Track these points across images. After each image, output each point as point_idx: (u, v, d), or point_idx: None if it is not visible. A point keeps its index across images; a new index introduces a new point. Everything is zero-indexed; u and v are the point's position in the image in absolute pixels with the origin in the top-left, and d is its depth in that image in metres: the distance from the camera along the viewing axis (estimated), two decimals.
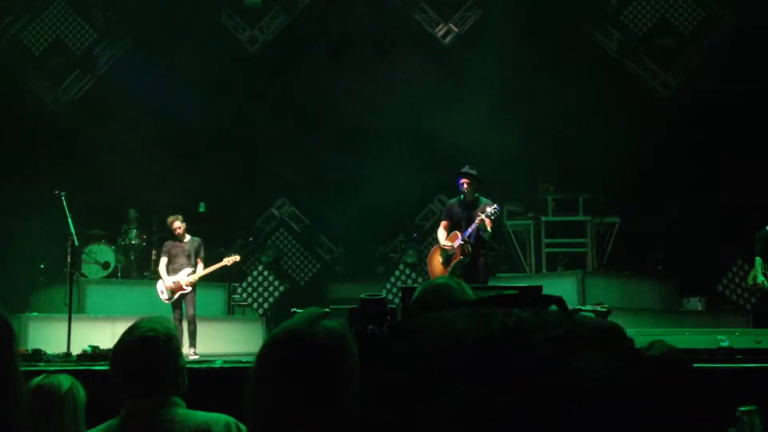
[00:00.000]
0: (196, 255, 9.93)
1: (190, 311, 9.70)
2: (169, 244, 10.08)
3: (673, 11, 13.54)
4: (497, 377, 0.73)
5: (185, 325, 9.50)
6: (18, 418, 1.84)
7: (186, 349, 9.28)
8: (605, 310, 6.75)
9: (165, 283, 9.80)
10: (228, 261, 10.00)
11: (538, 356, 0.74)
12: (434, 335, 0.81)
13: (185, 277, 9.78)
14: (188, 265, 9.83)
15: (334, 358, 1.55)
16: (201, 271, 9.88)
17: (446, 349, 0.78)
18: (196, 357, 9.16)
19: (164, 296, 9.80)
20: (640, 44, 13.62)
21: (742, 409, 2.94)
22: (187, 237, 9.99)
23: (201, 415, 2.63)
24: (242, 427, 2.62)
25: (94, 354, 7.12)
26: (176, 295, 9.75)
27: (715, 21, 13.37)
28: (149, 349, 2.57)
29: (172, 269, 9.86)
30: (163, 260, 9.92)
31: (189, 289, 9.78)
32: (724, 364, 5.40)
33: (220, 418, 2.64)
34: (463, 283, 3.22)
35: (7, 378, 1.79)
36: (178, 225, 9.90)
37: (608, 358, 0.73)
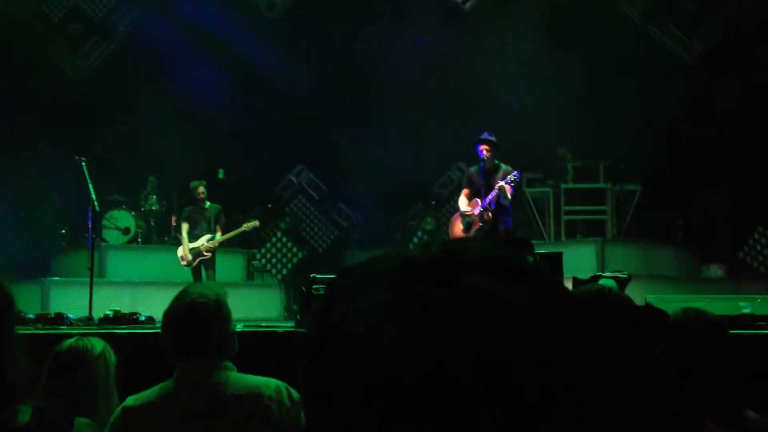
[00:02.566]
0: (216, 221, 10.02)
1: (210, 277, 9.79)
2: (189, 210, 10.19)
3: None
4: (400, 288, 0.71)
5: None
6: (18, 380, 1.90)
7: None
8: (626, 276, 6.72)
9: (185, 249, 9.89)
10: (247, 227, 10.10)
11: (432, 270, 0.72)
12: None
13: (205, 242, 9.85)
14: (208, 231, 9.93)
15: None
16: (221, 237, 9.93)
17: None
18: None
19: (184, 262, 9.89)
20: (664, 9, 13.38)
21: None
22: (207, 203, 10.04)
23: (252, 379, 2.67)
24: (293, 392, 2.66)
25: (116, 317, 7.20)
26: (196, 261, 9.83)
27: None
28: (200, 313, 2.65)
29: (192, 235, 9.98)
30: (185, 226, 10.03)
31: (209, 254, 9.86)
32: (747, 330, 5.38)
33: (271, 382, 2.67)
34: None
35: (5, 342, 1.88)
36: (202, 191, 10.02)
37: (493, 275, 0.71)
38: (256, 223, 10.27)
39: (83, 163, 8.72)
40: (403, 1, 13.68)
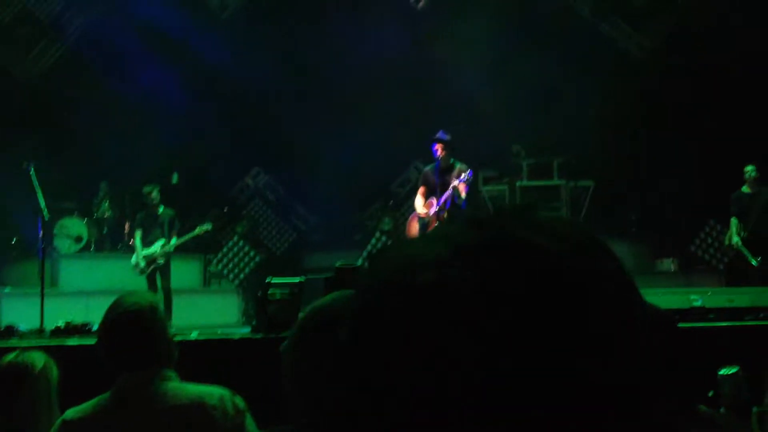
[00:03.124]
0: (170, 227, 9.86)
1: (165, 283, 9.64)
2: (142, 216, 10.03)
3: None
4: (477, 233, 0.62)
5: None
6: None
7: None
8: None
9: (138, 256, 9.74)
10: (200, 231, 9.99)
11: (518, 217, 0.63)
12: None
13: (159, 248, 9.70)
14: (162, 236, 9.78)
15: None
16: (174, 242, 9.82)
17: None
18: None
19: (138, 269, 9.74)
20: (614, 6, 13.55)
21: (723, 372, 2.92)
22: (161, 208, 9.91)
23: (194, 388, 2.61)
24: (238, 399, 2.61)
25: (68, 329, 7.07)
26: (150, 268, 9.67)
27: None
28: (136, 322, 2.58)
29: (146, 242, 9.83)
30: (138, 233, 9.87)
31: (162, 261, 9.70)
32: (698, 323, 5.47)
33: (215, 390, 2.62)
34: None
35: None
36: (154, 195, 9.86)
37: (578, 227, 0.64)
38: (208, 226, 10.16)
39: (31, 170, 8.52)
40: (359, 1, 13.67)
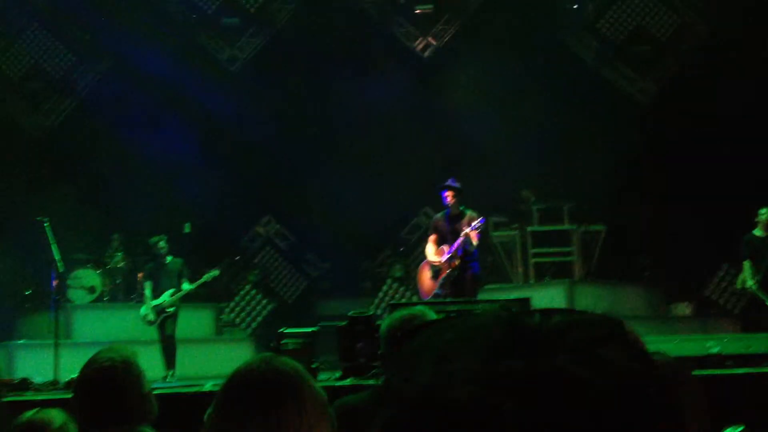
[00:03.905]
0: (180, 275, 9.89)
1: (170, 331, 9.65)
2: (151, 267, 10.10)
3: (649, 18, 13.62)
4: (515, 353, 0.61)
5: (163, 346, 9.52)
6: None
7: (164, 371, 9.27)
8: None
9: (148, 307, 9.74)
10: (208, 277, 10.03)
11: (558, 338, 0.63)
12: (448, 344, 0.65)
13: (168, 298, 9.73)
14: (171, 286, 9.80)
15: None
16: (186, 288, 9.84)
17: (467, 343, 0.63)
18: (174, 379, 9.11)
19: (148, 319, 9.72)
20: (617, 52, 13.70)
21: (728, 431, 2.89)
22: (169, 258, 9.96)
23: None
24: None
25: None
26: (159, 318, 9.69)
27: (692, 27, 13.46)
28: (107, 379, 2.56)
29: (157, 291, 9.86)
30: (148, 284, 9.90)
31: (172, 310, 9.73)
32: (716, 370, 5.42)
33: None
34: (427, 310, 3.20)
35: None
36: (162, 245, 9.89)
37: (624, 350, 0.64)
38: (216, 272, 10.18)
39: (46, 224, 8.62)
40: (365, 50, 13.86)
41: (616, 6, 13.65)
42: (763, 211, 9.42)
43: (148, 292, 9.86)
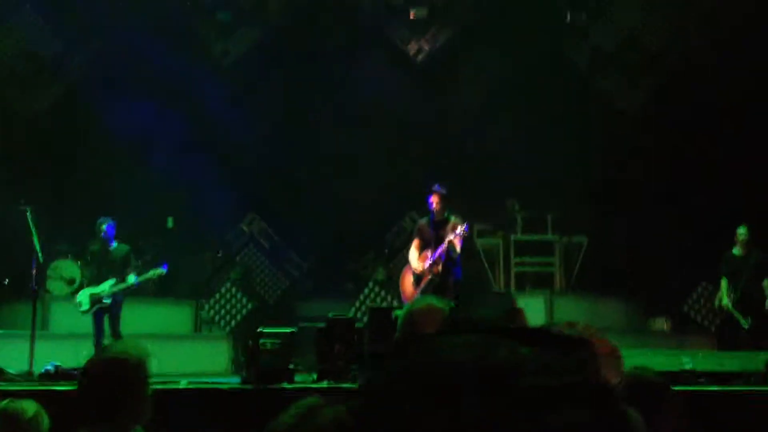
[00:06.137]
0: (124, 265, 9.20)
1: (114, 328, 8.99)
2: (96, 249, 9.37)
3: (642, 27, 13.61)
4: (488, 409, 0.76)
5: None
6: None
7: None
8: None
9: (84, 294, 9.12)
10: (153, 274, 9.30)
11: (528, 401, 0.75)
12: (437, 360, 0.84)
13: (108, 288, 9.05)
14: (114, 274, 9.12)
15: None
16: (127, 282, 9.09)
17: (445, 375, 0.81)
18: None
19: (81, 309, 9.07)
20: (609, 60, 13.72)
21: None
22: (115, 244, 9.31)
23: None
24: None
25: (57, 373, 7.02)
26: (93, 308, 9.03)
27: (685, 38, 13.47)
28: (116, 371, 2.52)
29: (97, 278, 9.19)
30: (88, 269, 9.35)
31: (109, 301, 9.03)
32: (687, 386, 5.46)
33: None
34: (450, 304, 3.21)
35: None
36: (103, 228, 9.20)
37: (597, 419, 0.75)
38: (162, 271, 9.33)
39: (28, 212, 8.55)
40: (357, 50, 13.85)
41: (607, 15, 13.68)
42: (741, 230, 9.51)
43: (80, 277, 9.36)
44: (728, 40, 12.33)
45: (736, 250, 9.58)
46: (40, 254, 8.54)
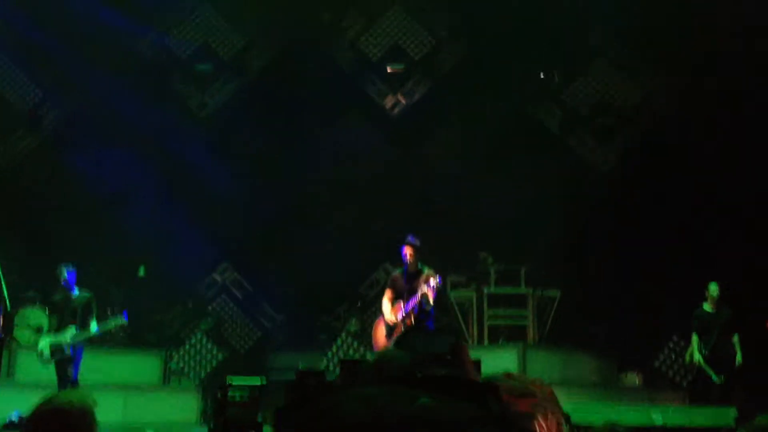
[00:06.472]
0: (86, 312, 8.94)
1: (72, 376, 8.68)
2: (58, 298, 9.13)
3: (612, 92, 13.99)
4: None
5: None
6: None
7: None
8: None
9: (45, 343, 8.85)
10: (114, 324, 9.06)
11: None
12: (338, 416, 0.90)
13: (69, 338, 8.79)
14: (73, 322, 8.85)
15: None
16: (89, 331, 8.83)
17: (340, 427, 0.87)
18: None
19: (42, 358, 8.79)
20: (581, 122, 14.01)
21: None
22: (76, 291, 9.07)
23: None
24: None
25: (21, 423, 6.87)
26: (54, 358, 8.75)
27: (653, 100, 13.81)
28: (60, 421, 2.47)
29: (58, 327, 8.94)
30: (53, 317, 9.10)
31: (69, 352, 8.74)
32: None
33: None
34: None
35: None
36: (63, 276, 8.97)
37: None
38: (123, 321, 9.07)
39: None
40: (331, 104, 13.99)
41: (581, 78, 14.02)
42: (712, 287, 9.62)
43: (48, 325, 9.06)
44: (698, 101, 12.66)
45: (707, 306, 9.67)
46: (7, 302, 8.42)
